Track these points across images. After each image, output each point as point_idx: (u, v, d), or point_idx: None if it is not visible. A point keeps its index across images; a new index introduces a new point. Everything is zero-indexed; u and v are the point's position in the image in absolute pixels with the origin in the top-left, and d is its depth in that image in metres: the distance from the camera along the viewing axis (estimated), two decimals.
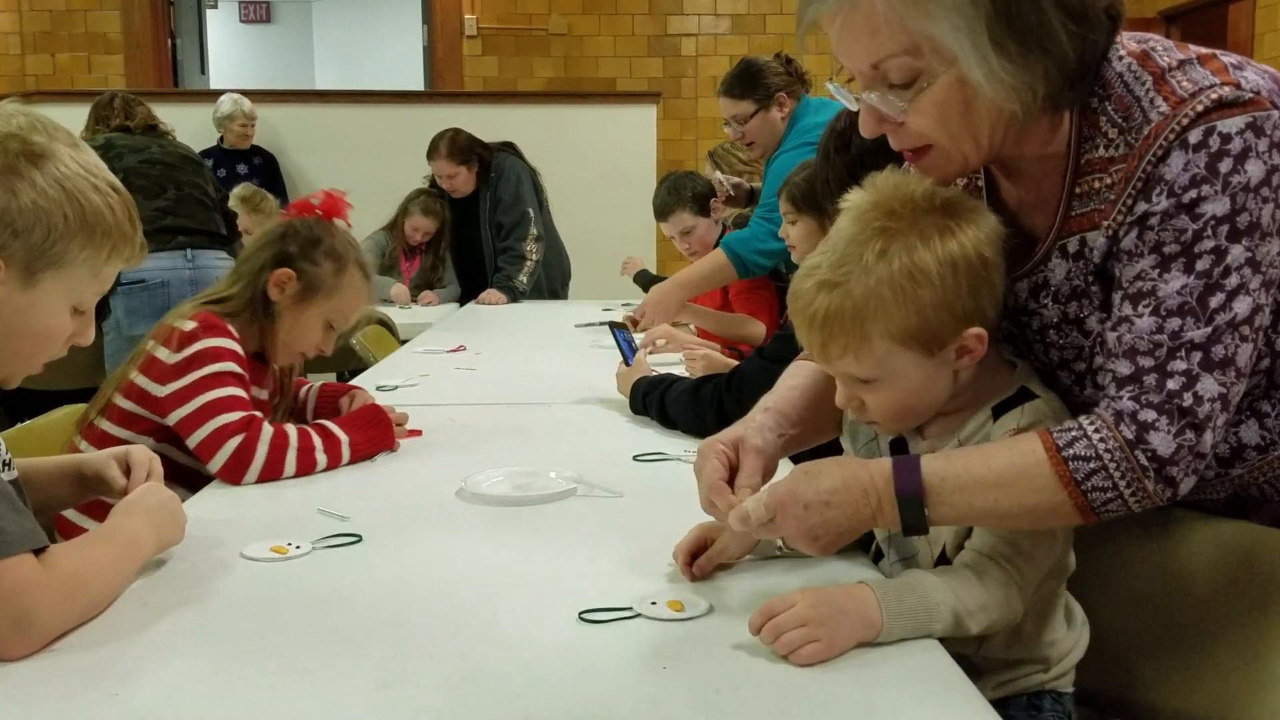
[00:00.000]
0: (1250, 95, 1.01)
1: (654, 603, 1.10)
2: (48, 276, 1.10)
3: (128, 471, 1.34)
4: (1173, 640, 1.21)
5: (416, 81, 7.85)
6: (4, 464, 1.11)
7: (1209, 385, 1.00)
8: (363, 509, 1.46)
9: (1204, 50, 1.07)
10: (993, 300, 1.12)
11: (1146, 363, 1.02)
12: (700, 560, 1.19)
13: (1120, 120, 1.06)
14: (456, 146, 4.54)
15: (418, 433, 1.92)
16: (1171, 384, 1.00)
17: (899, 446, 1.21)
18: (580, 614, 1.09)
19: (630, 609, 1.09)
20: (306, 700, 0.93)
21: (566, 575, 1.23)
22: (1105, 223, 1.07)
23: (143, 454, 1.36)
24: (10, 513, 1.01)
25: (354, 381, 2.66)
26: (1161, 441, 1.00)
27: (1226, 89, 1.01)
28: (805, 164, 2.57)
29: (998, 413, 1.13)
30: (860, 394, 1.13)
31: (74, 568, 1.06)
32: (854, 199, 1.14)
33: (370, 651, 1.02)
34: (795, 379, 1.34)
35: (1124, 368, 1.03)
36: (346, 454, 1.72)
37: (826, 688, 0.94)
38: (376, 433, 1.80)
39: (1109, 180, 1.07)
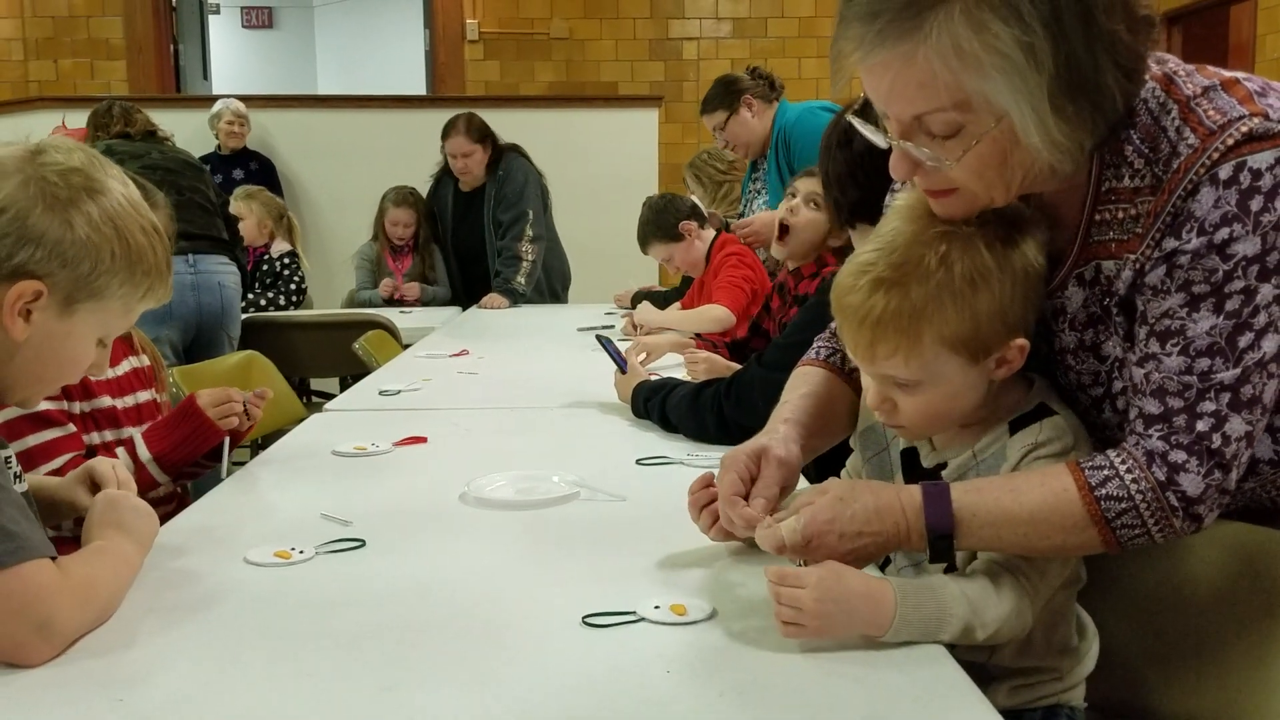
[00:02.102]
0: (1279, 127, 0.99)
1: (657, 607, 1.10)
2: (84, 307, 1.13)
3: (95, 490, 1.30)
4: (1179, 645, 1.21)
5: (418, 86, 7.86)
6: (15, 476, 1.11)
7: (1236, 425, 1.01)
8: (366, 513, 1.46)
9: (1226, 74, 1.06)
10: (1036, 313, 1.12)
11: (1176, 403, 1.02)
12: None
13: (1147, 151, 1.05)
14: (473, 125, 4.59)
15: (422, 439, 1.92)
16: (1201, 425, 1.01)
17: (909, 456, 1.21)
18: (583, 618, 1.09)
19: (633, 613, 1.09)
20: (310, 704, 0.93)
21: (570, 579, 1.23)
22: (1132, 255, 1.06)
23: (104, 466, 1.32)
24: (25, 521, 1.02)
25: (357, 386, 2.66)
26: (1191, 483, 1.01)
27: (1256, 120, 0.99)
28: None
29: (1014, 428, 1.12)
30: (895, 396, 1.12)
31: (86, 577, 1.06)
32: (909, 199, 1.13)
33: (374, 656, 1.02)
34: (807, 385, 1.34)
35: (1152, 406, 1.03)
36: (158, 474, 1.68)
37: (832, 693, 0.93)
38: (187, 432, 1.71)
39: (1134, 211, 1.06)
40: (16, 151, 1.12)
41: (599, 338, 2.41)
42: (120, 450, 1.68)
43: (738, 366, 2.24)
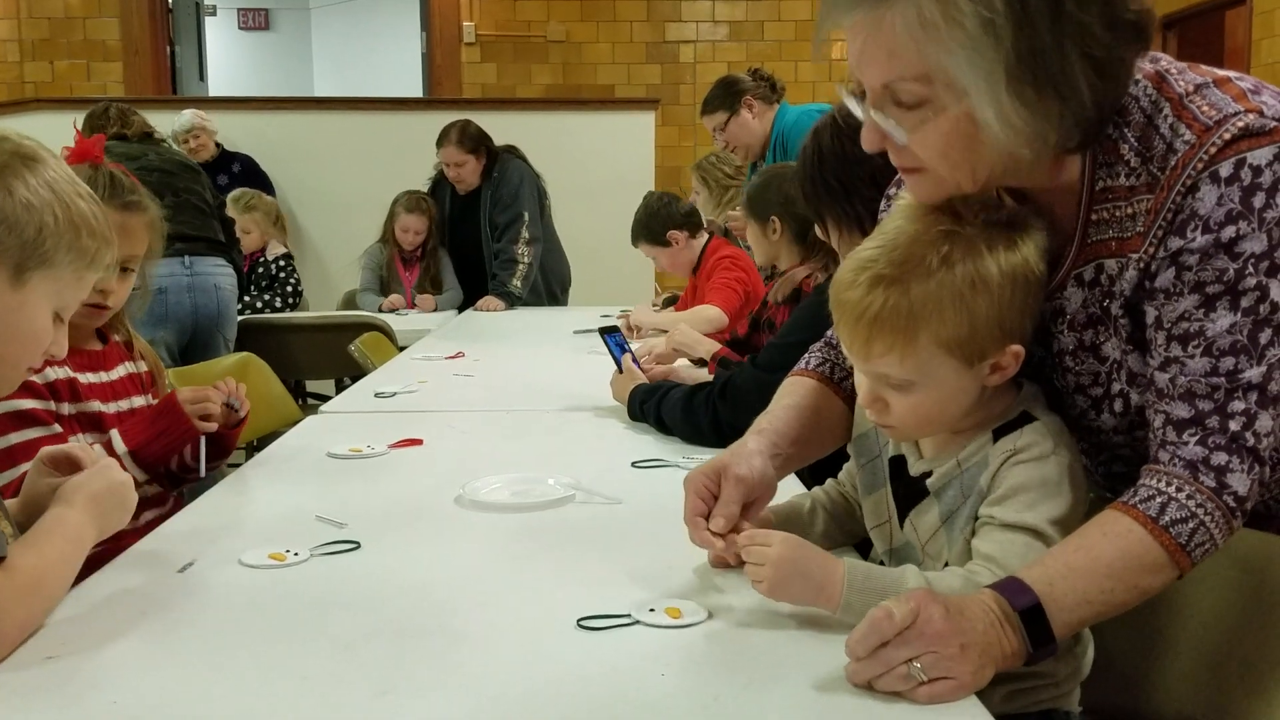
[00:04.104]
0: (1275, 123, 0.99)
1: (652, 610, 1.10)
2: (36, 276, 1.13)
3: (67, 469, 1.28)
4: (1174, 649, 1.21)
5: (415, 88, 7.87)
6: None
7: (1265, 421, 1.01)
8: (361, 516, 1.46)
9: (1219, 73, 1.06)
10: (1034, 320, 1.12)
11: (1206, 405, 1.02)
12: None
13: (1141, 149, 1.05)
14: (466, 135, 4.58)
15: (418, 441, 1.92)
16: (1233, 424, 1.01)
17: (897, 465, 1.21)
18: (579, 621, 1.08)
19: (629, 616, 1.09)
20: (305, 707, 0.92)
21: (565, 582, 1.23)
22: (1135, 254, 1.06)
23: (56, 449, 1.31)
24: None
25: (352, 388, 2.66)
26: (1239, 482, 1.01)
27: (1251, 116, 0.99)
28: (764, 171, 2.65)
29: (997, 435, 1.12)
30: (887, 395, 1.11)
31: (30, 572, 1.06)
32: (912, 199, 1.13)
33: (368, 659, 1.01)
34: (791, 397, 1.34)
35: (1182, 410, 1.03)
36: (134, 470, 1.66)
37: (827, 697, 0.93)
38: (163, 427, 1.70)
39: (1132, 210, 1.06)
40: None
41: (601, 330, 2.41)
42: (97, 448, 1.67)
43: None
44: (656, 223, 3.73)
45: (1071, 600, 0.98)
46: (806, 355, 1.41)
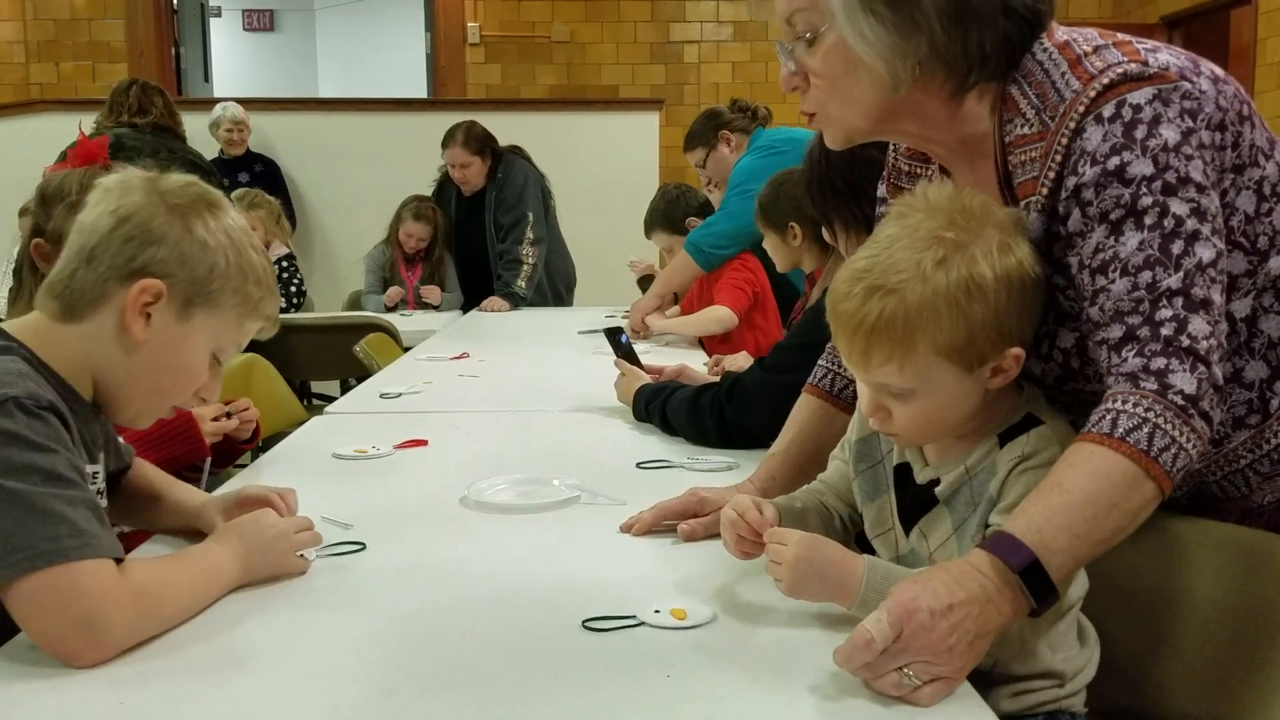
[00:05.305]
0: (1156, 70, 1.07)
1: (657, 611, 1.10)
2: (200, 313, 1.18)
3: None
4: (1179, 650, 1.21)
5: (419, 89, 7.88)
6: (99, 493, 1.14)
7: (1198, 324, 1.03)
8: (366, 517, 1.46)
9: (1122, 37, 1.13)
10: (1033, 322, 1.12)
11: (1135, 320, 1.04)
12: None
13: (1037, 102, 1.13)
14: (472, 136, 4.58)
15: (423, 442, 1.92)
16: (1165, 330, 1.03)
17: (902, 472, 1.21)
18: (584, 622, 1.09)
19: (634, 617, 1.09)
20: (311, 707, 0.93)
21: (570, 583, 1.23)
22: (1033, 198, 1.12)
23: (258, 492, 1.36)
24: (97, 524, 1.03)
25: (358, 389, 2.66)
26: (1183, 381, 1.01)
27: (1133, 65, 1.07)
28: (771, 180, 2.62)
29: (1004, 440, 1.11)
30: (889, 404, 1.11)
31: (151, 582, 1.07)
32: (905, 206, 1.13)
33: (374, 658, 1.02)
34: (794, 428, 1.47)
35: (1116, 332, 1.05)
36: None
37: (832, 698, 0.94)
38: (177, 452, 1.72)
39: (1033, 154, 1.13)
40: (138, 174, 1.21)
41: (606, 331, 2.39)
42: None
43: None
44: (675, 211, 3.75)
45: (1062, 541, 0.98)
46: (816, 367, 1.45)
